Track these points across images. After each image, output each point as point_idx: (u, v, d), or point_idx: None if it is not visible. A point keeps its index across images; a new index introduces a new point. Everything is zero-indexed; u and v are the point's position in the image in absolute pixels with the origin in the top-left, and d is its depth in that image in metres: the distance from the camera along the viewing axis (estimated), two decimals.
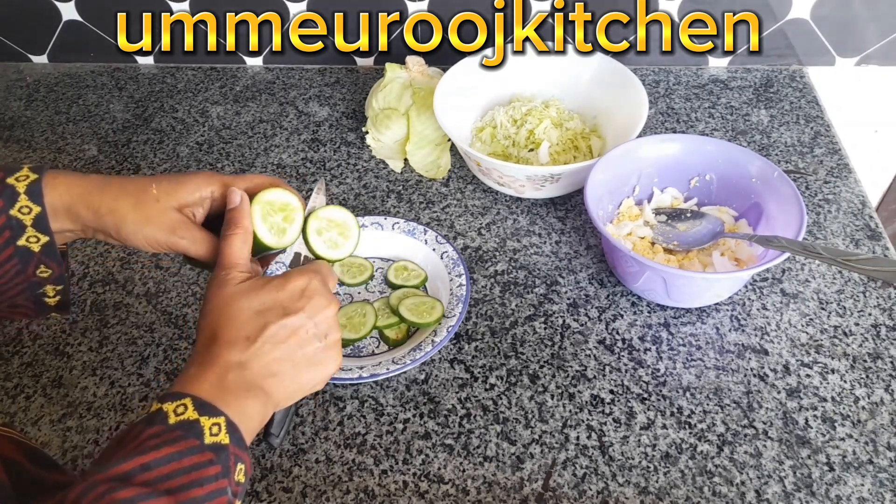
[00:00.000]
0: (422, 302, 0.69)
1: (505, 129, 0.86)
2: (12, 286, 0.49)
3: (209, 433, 0.40)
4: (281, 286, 0.47)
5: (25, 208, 0.47)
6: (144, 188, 0.50)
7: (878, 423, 0.61)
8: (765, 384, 0.64)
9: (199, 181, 0.51)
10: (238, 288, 0.47)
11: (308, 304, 0.47)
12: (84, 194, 0.49)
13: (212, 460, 0.39)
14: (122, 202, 0.49)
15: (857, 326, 0.68)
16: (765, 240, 0.64)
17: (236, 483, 0.41)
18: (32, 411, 0.65)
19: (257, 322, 0.45)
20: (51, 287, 0.50)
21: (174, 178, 0.51)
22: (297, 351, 0.46)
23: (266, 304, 0.46)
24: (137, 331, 0.71)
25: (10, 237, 0.47)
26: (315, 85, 1.04)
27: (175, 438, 0.39)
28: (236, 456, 0.41)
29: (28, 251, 0.48)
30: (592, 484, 0.58)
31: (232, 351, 0.44)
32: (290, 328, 0.46)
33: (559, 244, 0.78)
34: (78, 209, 0.49)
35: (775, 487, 0.57)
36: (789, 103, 0.94)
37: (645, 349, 0.67)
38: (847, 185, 0.82)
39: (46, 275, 0.49)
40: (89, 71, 1.09)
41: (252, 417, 0.44)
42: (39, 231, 0.47)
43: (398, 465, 0.60)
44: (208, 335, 0.45)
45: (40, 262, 0.48)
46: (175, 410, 0.40)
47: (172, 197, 0.50)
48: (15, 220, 0.47)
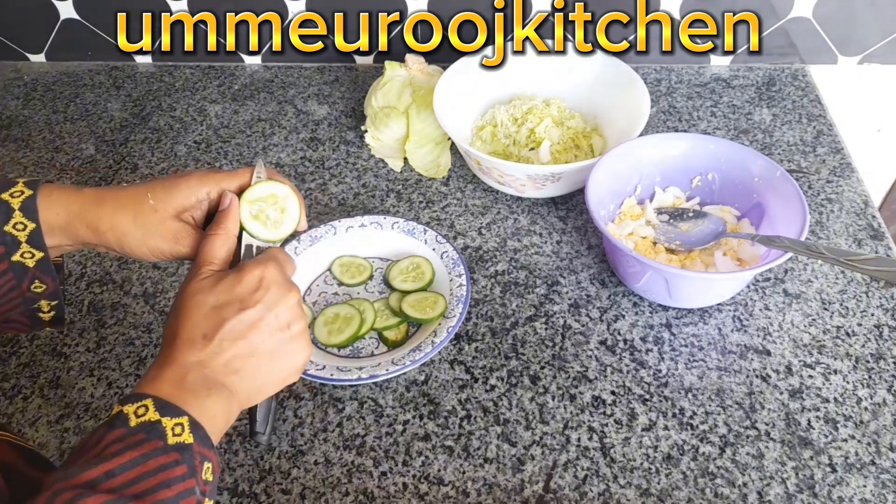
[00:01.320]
0: (424, 297, 0.69)
1: (506, 127, 0.86)
2: (6, 301, 0.49)
3: (172, 433, 0.39)
4: (237, 279, 0.46)
5: (20, 224, 0.47)
6: (141, 199, 0.49)
7: (881, 424, 0.60)
8: (767, 385, 0.63)
9: (192, 184, 0.51)
10: (199, 284, 0.46)
11: (265, 296, 0.46)
12: (81, 211, 0.48)
13: (177, 460, 0.39)
14: (121, 217, 0.49)
15: (859, 327, 0.67)
16: (767, 239, 0.64)
17: (204, 482, 0.40)
18: (30, 412, 0.64)
19: (214, 319, 0.44)
20: (45, 302, 0.50)
21: (168, 184, 0.50)
22: (258, 345, 0.45)
23: (222, 299, 0.45)
24: (135, 331, 0.71)
25: (4, 253, 0.47)
26: (314, 83, 1.03)
27: (138, 441, 0.38)
28: (202, 455, 0.40)
29: (23, 266, 0.48)
30: (594, 486, 0.57)
31: (190, 350, 0.43)
32: (248, 322, 0.45)
33: (560, 244, 0.77)
34: (76, 227, 0.48)
35: (777, 489, 0.57)
36: (792, 102, 0.94)
37: (647, 350, 0.67)
38: (850, 184, 0.82)
39: (41, 290, 0.49)
40: (87, 70, 1.09)
41: (216, 415, 0.43)
42: (34, 247, 0.47)
43: (398, 466, 0.59)
44: (169, 335, 0.45)
45: (35, 277, 0.48)
46: (136, 412, 0.40)
47: (169, 204, 0.50)
48: (10, 236, 0.47)
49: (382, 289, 0.73)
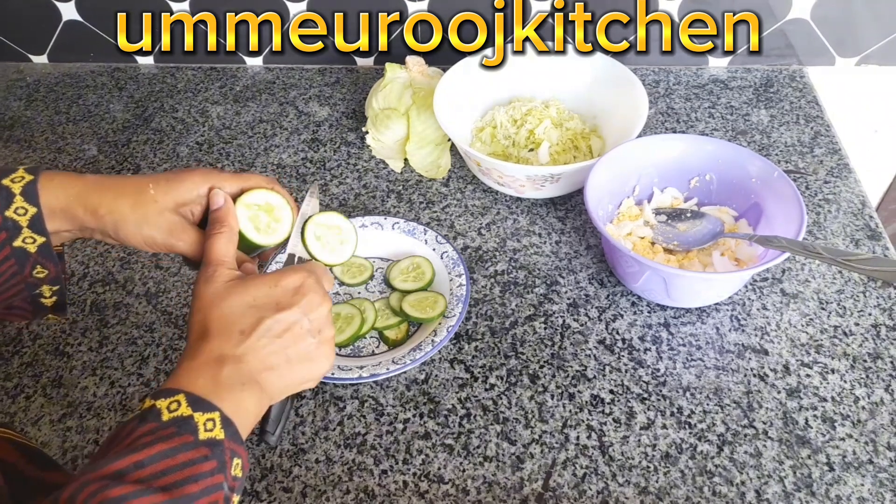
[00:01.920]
0: (424, 297, 0.69)
1: (505, 128, 0.86)
2: (9, 287, 0.49)
3: (203, 429, 0.40)
4: (275, 282, 0.47)
5: (21, 209, 0.47)
6: (142, 188, 0.50)
7: (878, 422, 0.61)
8: (765, 384, 0.64)
9: (195, 179, 0.51)
10: (229, 284, 0.47)
11: (303, 301, 0.47)
12: (81, 194, 0.49)
13: (207, 456, 0.39)
14: (121, 202, 0.49)
15: (857, 326, 0.68)
16: (765, 240, 0.64)
17: (233, 478, 0.41)
18: (32, 411, 0.65)
19: (252, 316, 0.45)
20: (47, 287, 0.50)
21: (171, 177, 0.51)
22: (291, 346, 0.46)
23: (260, 298, 0.46)
24: (137, 331, 0.71)
25: (6, 238, 0.47)
26: (315, 85, 1.04)
27: (169, 435, 0.39)
28: (232, 451, 0.41)
29: (25, 252, 0.48)
30: (592, 484, 0.58)
31: (226, 345, 0.44)
32: (285, 323, 0.46)
33: (559, 244, 0.78)
34: (75, 209, 0.49)
35: (775, 487, 0.57)
36: (789, 103, 0.94)
37: (645, 349, 0.67)
38: (847, 184, 0.82)
39: (43, 275, 0.49)
40: (89, 71, 1.09)
41: (248, 411, 0.43)
42: (35, 232, 0.47)
43: (398, 465, 0.60)
44: (200, 331, 0.45)
45: (37, 262, 0.48)
46: (168, 407, 0.40)
47: (170, 197, 0.50)
48: (11, 221, 0.47)
49: (383, 288, 0.73)
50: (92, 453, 0.61)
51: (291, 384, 0.47)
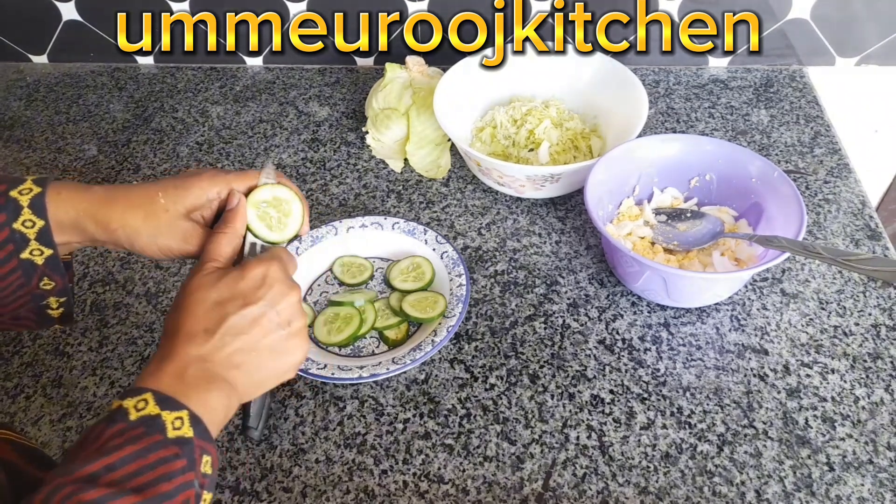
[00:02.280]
0: (424, 297, 0.69)
1: (505, 128, 0.86)
2: (15, 298, 0.49)
3: (172, 427, 0.40)
4: (240, 276, 0.46)
5: (29, 222, 0.47)
6: (152, 198, 0.50)
7: (878, 422, 0.61)
8: (765, 384, 0.64)
9: (203, 184, 0.51)
10: (202, 280, 0.46)
11: (268, 293, 0.46)
12: (91, 209, 0.49)
13: (177, 454, 0.39)
14: (132, 215, 0.49)
15: (857, 326, 0.68)
16: (765, 240, 0.64)
17: (203, 475, 0.40)
18: (32, 411, 0.65)
19: (216, 314, 0.45)
20: (54, 299, 0.50)
21: (179, 183, 0.51)
22: (259, 340, 0.46)
23: (224, 294, 0.46)
24: (137, 331, 0.71)
25: (13, 250, 0.47)
26: (315, 85, 1.04)
27: (138, 435, 0.39)
28: (202, 448, 0.41)
29: (32, 264, 0.48)
30: (592, 484, 0.58)
31: (191, 344, 0.44)
32: (251, 318, 0.45)
33: (559, 244, 0.78)
34: (85, 224, 0.49)
35: (775, 487, 0.57)
36: (789, 103, 0.94)
37: (645, 349, 0.67)
38: (847, 184, 0.82)
39: (50, 287, 0.49)
40: (89, 71, 1.09)
41: (216, 409, 0.43)
42: (43, 244, 0.47)
43: (398, 465, 0.60)
44: (170, 329, 0.45)
45: (44, 274, 0.48)
46: (136, 406, 0.40)
47: (180, 204, 0.50)
48: (18, 233, 0.47)
49: (383, 288, 0.73)
50: None
51: (265, 379, 0.47)
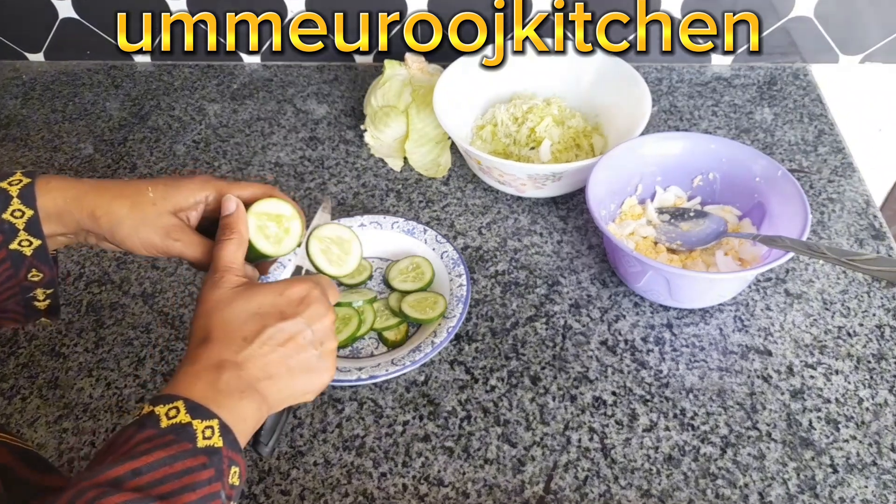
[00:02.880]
0: (424, 298, 0.68)
1: (506, 127, 0.85)
2: (3, 290, 0.49)
3: (202, 436, 0.40)
4: (281, 291, 0.47)
5: (18, 212, 0.47)
6: (141, 191, 0.50)
7: (882, 424, 0.60)
8: (768, 385, 0.63)
9: (194, 186, 0.51)
10: (235, 291, 0.47)
11: (307, 311, 0.47)
12: (78, 196, 0.49)
13: (205, 464, 0.39)
14: (119, 204, 0.49)
15: (861, 327, 0.67)
16: (768, 239, 0.63)
17: (230, 486, 0.40)
18: (28, 413, 0.64)
19: (255, 323, 0.45)
20: (41, 291, 0.50)
21: (170, 181, 0.51)
22: (293, 356, 0.46)
23: (264, 306, 0.46)
24: (134, 332, 0.71)
25: (2, 241, 0.47)
26: (313, 82, 1.03)
27: (167, 443, 0.38)
28: (230, 459, 0.41)
29: (20, 255, 0.48)
30: (594, 487, 0.57)
31: (227, 350, 0.44)
32: (288, 332, 0.46)
33: (561, 244, 0.77)
34: (72, 211, 0.48)
35: (779, 490, 0.56)
36: (793, 101, 0.94)
37: (647, 350, 0.66)
38: (851, 183, 0.82)
39: (38, 278, 0.49)
40: (85, 69, 1.08)
41: (246, 419, 0.43)
42: (32, 235, 0.47)
43: (397, 467, 0.59)
44: (201, 336, 0.45)
45: (32, 265, 0.48)
46: (167, 414, 0.40)
47: (168, 201, 0.50)
48: (7, 224, 0.47)
49: (382, 289, 0.73)
50: (88, 455, 0.61)
51: (292, 395, 0.47)
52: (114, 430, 0.63)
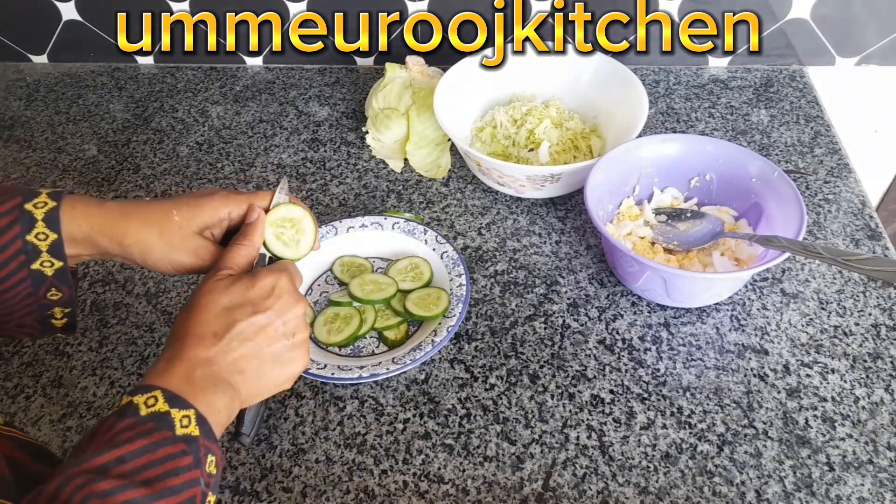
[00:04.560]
0: (426, 294, 0.69)
1: (505, 128, 0.86)
2: (22, 307, 0.50)
3: (180, 425, 0.41)
4: (250, 284, 0.48)
5: (42, 234, 0.48)
6: (167, 215, 0.51)
7: (879, 422, 0.61)
8: (765, 384, 0.64)
9: (216, 204, 0.53)
10: (214, 284, 0.48)
11: (277, 303, 0.48)
12: (105, 225, 0.50)
13: (184, 451, 0.40)
14: (147, 231, 0.51)
15: (857, 326, 0.68)
16: (765, 240, 0.64)
17: (208, 474, 0.42)
18: (32, 411, 0.65)
19: (225, 319, 0.47)
20: (59, 309, 0.51)
21: (192, 201, 0.53)
22: (264, 348, 0.47)
23: (235, 301, 0.47)
24: (137, 331, 0.71)
25: (24, 261, 0.48)
26: (315, 85, 1.04)
27: (148, 430, 0.40)
28: (206, 448, 0.42)
29: (41, 275, 0.49)
30: (592, 484, 0.58)
31: (199, 347, 0.45)
32: (258, 325, 0.47)
33: (559, 244, 0.78)
34: (98, 239, 0.50)
35: (775, 487, 0.57)
36: (789, 103, 0.94)
37: (645, 349, 0.67)
38: (847, 184, 0.82)
39: (57, 298, 0.50)
40: (89, 71, 1.09)
41: (220, 411, 0.44)
42: (54, 257, 0.48)
43: (398, 464, 0.60)
44: (181, 329, 0.47)
45: (52, 285, 0.49)
46: (146, 402, 0.41)
47: (193, 222, 0.52)
48: (31, 245, 0.48)
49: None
50: None
51: (265, 386, 0.48)
52: None
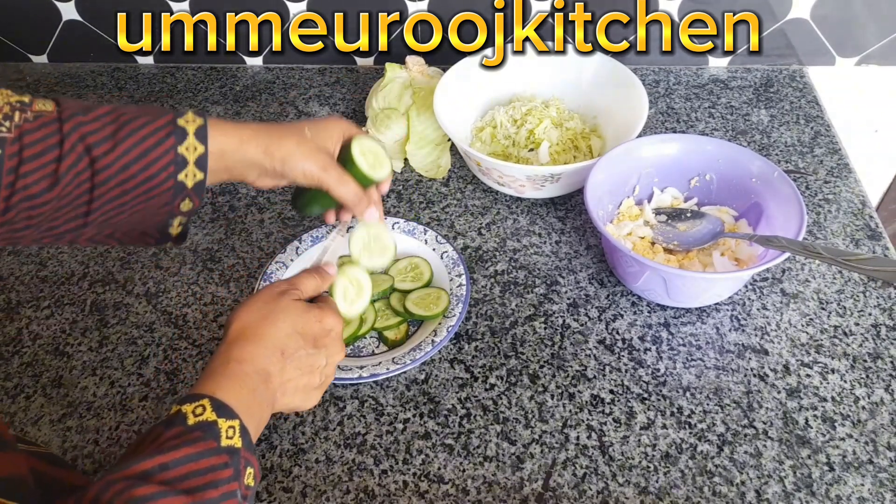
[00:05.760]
0: (427, 294, 0.69)
1: (505, 128, 0.86)
2: (155, 215, 0.52)
3: (225, 435, 0.42)
4: (320, 319, 0.52)
5: (192, 147, 0.50)
6: (300, 131, 0.57)
7: (878, 422, 0.61)
8: (765, 384, 0.64)
9: (331, 127, 0.59)
10: (292, 304, 0.51)
11: (331, 345, 0.52)
12: (251, 137, 0.54)
13: (227, 463, 0.41)
14: (288, 141, 0.55)
15: (857, 326, 0.68)
16: (765, 240, 0.64)
17: (245, 486, 0.42)
18: (32, 411, 0.65)
19: (294, 342, 0.49)
20: (180, 218, 0.53)
21: (315, 124, 0.58)
22: (304, 378, 0.50)
23: (305, 329, 0.50)
24: (137, 330, 0.71)
25: (174, 171, 0.50)
26: (315, 85, 1.04)
27: (194, 439, 0.40)
28: (246, 460, 0.42)
29: (182, 185, 0.51)
30: (592, 484, 0.58)
31: (269, 361, 0.48)
32: (313, 359, 0.50)
33: (559, 244, 0.78)
34: (246, 150, 0.53)
35: (775, 487, 0.57)
36: (789, 103, 0.94)
37: (645, 349, 0.67)
38: (847, 184, 0.82)
39: (188, 209, 0.52)
40: (89, 71, 1.09)
41: (260, 428, 0.46)
42: (198, 168, 0.51)
43: (398, 464, 0.60)
44: (250, 334, 0.48)
45: (187, 195, 0.51)
46: (194, 411, 0.42)
47: (320, 138, 0.57)
48: (181, 156, 0.50)
49: None
50: (92, 453, 0.61)
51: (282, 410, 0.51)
52: (117, 428, 0.63)
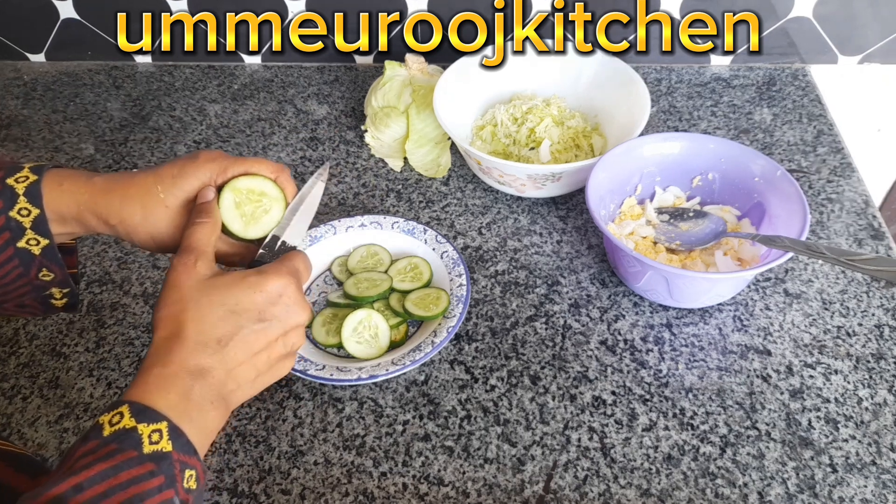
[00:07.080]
0: (426, 294, 0.68)
1: (506, 127, 0.86)
2: (16, 287, 0.48)
3: (148, 441, 0.37)
4: (258, 287, 0.44)
5: (24, 210, 0.46)
6: (149, 190, 0.48)
7: (882, 424, 0.60)
8: (768, 385, 0.63)
9: (198, 169, 0.49)
10: (210, 281, 0.44)
11: (284, 312, 0.45)
12: (90, 202, 0.47)
13: (153, 471, 0.37)
14: (130, 210, 0.48)
15: (860, 327, 0.67)
16: (768, 239, 0.63)
17: (186, 490, 0.38)
18: (29, 412, 0.64)
19: (230, 323, 0.43)
20: (57, 289, 0.50)
21: (175, 170, 0.49)
22: (262, 357, 0.44)
23: (242, 304, 0.43)
24: (134, 331, 0.71)
25: (9, 238, 0.46)
26: (314, 83, 1.03)
27: (110, 453, 0.36)
28: (182, 462, 0.38)
29: (29, 253, 0.47)
30: (594, 486, 0.57)
31: (202, 353, 0.41)
32: (262, 334, 0.44)
33: (560, 244, 0.77)
34: (86, 217, 0.48)
35: (778, 489, 0.56)
36: (792, 102, 0.94)
37: (647, 350, 0.67)
38: (850, 184, 0.82)
39: (49, 278, 0.48)
40: (86, 69, 1.08)
41: (211, 430, 0.42)
42: (39, 234, 0.47)
43: (398, 467, 0.59)
44: (172, 329, 0.42)
45: (42, 265, 0.47)
46: (110, 421, 0.38)
47: (178, 197, 0.49)
48: (14, 221, 0.46)
49: None
50: None
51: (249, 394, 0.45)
52: None
